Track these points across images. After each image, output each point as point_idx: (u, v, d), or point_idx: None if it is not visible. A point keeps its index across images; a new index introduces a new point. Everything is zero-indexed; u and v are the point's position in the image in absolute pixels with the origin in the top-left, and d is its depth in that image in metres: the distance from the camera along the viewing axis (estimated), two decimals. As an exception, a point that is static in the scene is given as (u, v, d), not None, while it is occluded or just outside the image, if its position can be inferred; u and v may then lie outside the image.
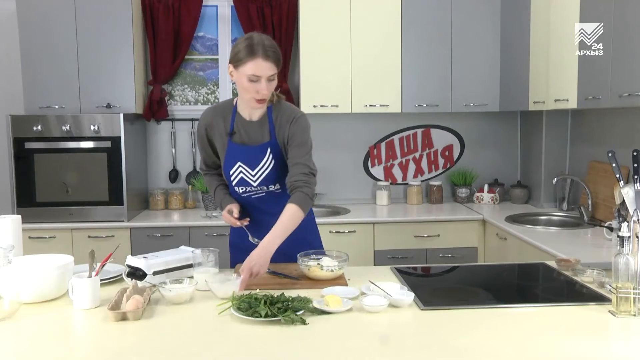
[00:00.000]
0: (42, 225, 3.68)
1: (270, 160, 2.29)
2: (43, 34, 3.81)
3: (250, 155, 2.29)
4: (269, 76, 2.14)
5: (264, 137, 2.30)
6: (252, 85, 2.15)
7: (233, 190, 2.37)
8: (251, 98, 2.19)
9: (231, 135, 2.31)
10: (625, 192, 2.53)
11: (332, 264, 2.14)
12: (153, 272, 2.08)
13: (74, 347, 1.66)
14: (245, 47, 2.13)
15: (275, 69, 2.15)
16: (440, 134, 4.48)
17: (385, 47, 4.02)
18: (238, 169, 2.30)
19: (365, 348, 1.58)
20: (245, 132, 2.31)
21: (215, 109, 2.39)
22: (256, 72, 2.12)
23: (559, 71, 3.37)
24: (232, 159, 2.31)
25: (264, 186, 2.32)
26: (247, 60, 2.12)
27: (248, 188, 2.33)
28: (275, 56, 2.14)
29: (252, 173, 2.30)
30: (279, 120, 2.29)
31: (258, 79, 2.13)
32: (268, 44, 2.14)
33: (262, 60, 2.11)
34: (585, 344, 1.59)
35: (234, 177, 2.32)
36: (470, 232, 3.85)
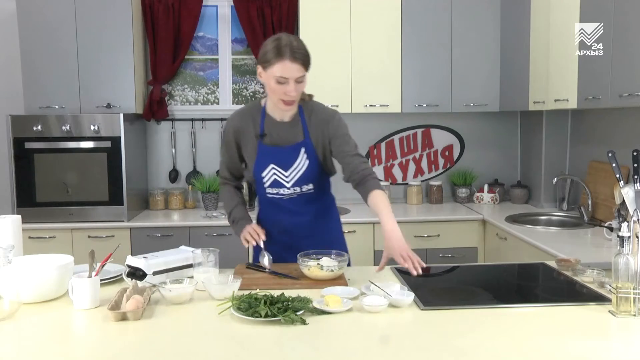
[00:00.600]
0: (42, 225, 3.68)
1: (304, 160, 2.27)
2: (43, 34, 3.81)
3: (283, 156, 2.27)
4: (297, 78, 2.12)
5: (297, 137, 2.28)
6: (280, 87, 2.12)
7: (264, 193, 2.34)
8: (279, 100, 2.17)
9: (262, 137, 2.28)
10: (625, 192, 2.53)
11: (332, 264, 2.14)
12: (153, 272, 2.08)
13: (74, 347, 1.66)
14: (273, 48, 2.11)
15: (303, 70, 2.13)
16: (440, 134, 4.48)
17: (385, 47, 4.02)
18: (271, 170, 2.28)
19: (365, 348, 1.58)
20: (277, 133, 2.28)
21: (242, 112, 2.35)
22: (284, 73, 2.10)
23: (559, 71, 3.37)
24: (264, 161, 2.28)
25: (298, 187, 2.30)
26: (275, 61, 2.10)
27: (281, 190, 2.30)
28: (303, 57, 2.12)
29: (286, 174, 2.28)
30: (313, 120, 2.28)
31: (286, 80, 2.11)
32: (296, 45, 2.11)
33: (289, 62, 2.09)
34: (585, 344, 1.59)
35: (266, 180, 2.30)
36: (470, 232, 3.85)
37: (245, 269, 2.29)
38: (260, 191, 2.36)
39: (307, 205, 2.34)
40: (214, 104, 4.41)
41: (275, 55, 2.09)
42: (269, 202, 2.36)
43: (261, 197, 2.39)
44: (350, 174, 2.24)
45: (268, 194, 2.33)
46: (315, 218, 2.39)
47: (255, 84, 4.42)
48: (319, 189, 2.35)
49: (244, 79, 4.42)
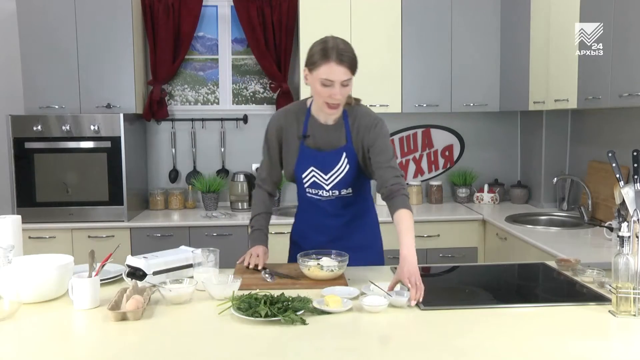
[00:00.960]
0: (42, 225, 3.68)
1: (345, 165, 2.26)
2: (43, 34, 3.81)
3: (324, 160, 2.27)
4: (342, 81, 2.09)
5: (339, 141, 2.27)
6: (325, 89, 2.10)
7: (304, 192, 2.35)
8: (324, 103, 2.15)
9: (304, 138, 2.27)
10: (625, 192, 2.53)
11: (332, 264, 2.14)
12: (153, 272, 2.08)
13: (74, 347, 1.66)
14: (319, 50, 2.09)
15: (349, 74, 2.10)
16: (440, 134, 4.48)
17: (385, 47, 4.02)
18: (311, 173, 2.29)
19: (365, 348, 1.58)
20: (320, 136, 2.27)
21: (287, 112, 2.33)
22: (329, 76, 2.07)
23: (559, 71, 3.37)
24: (305, 163, 2.28)
25: (337, 190, 2.30)
26: (321, 63, 2.08)
27: (320, 191, 2.31)
28: (350, 61, 2.08)
29: (326, 177, 2.28)
30: (357, 125, 2.25)
31: (331, 83, 2.09)
32: (343, 47, 2.08)
33: (335, 65, 2.06)
34: (585, 344, 1.59)
35: (306, 180, 2.30)
36: (470, 232, 3.85)
37: (245, 269, 2.29)
38: (300, 190, 2.37)
39: (344, 208, 2.34)
40: (214, 104, 4.41)
41: (321, 57, 2.07)
42: (308, 201, 2.36)
43: (301, 195, 2.40)
44: (380, 186, 2.19)
45: (307, 193, 2.34)
46: (352, 221, 2.38)
47: (255, 84, 4.42)
48: (358, 193, 2.35)
49: (244, 79, 4.42)
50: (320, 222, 2.37)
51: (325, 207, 2.34)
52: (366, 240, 2.44)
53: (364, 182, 2.37)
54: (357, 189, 2.33)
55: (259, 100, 4.43)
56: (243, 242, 3.74)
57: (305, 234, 2.41)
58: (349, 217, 2.37)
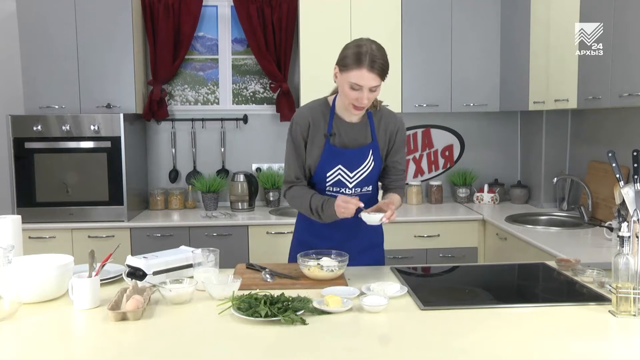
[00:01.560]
0: (42, 225, 3.68)
1: (370, 162, 2.30)
2: (43, 34, 3.81)
3: (351, 158, 2.28)
4: (371, 87, 2.12)
5: (366, 139, 2.30)
6: (353, 92, 2.13)
7: (323, 190, 2.32)
8: (350, 104, 2.18)
9: (330, 137, 2.27)
10: (625, 192, 2.53)
11: (332, 264, 2.14)
12: (153, 272, 2.08)
13: (74, 347, 1.66)
14: (353, 54, 2.11)
15: (379, 80, 2.12)
16: (440, 134, 4.48)
17: (386, 47, 3.99)
18: (337, 171, 2.28)
19: (365, 348, 1.58)
20: (345, 134, 2.28)
21: (312, 109, 2.31)
22: (359, 81, 2.10)
23: (559, 71, 3.37)
24: (331, 161, 2.28)
25: (359, 188, 2.32)
26: (353, 67, 2.09)
27: (342, 189, 2.31)
28: (381, 68, 2.11)
29: (351, 175, 2.29)
30: (382, 123, 2.32)
31: (360, 88, 2.11)
32: (377, 54, 2.11)
33: (367, 71, 2.09)
34: (585, 344, 1.59)
35: (330, 179, 2.30)
36: (470, 232, 3.85)
37: (245, 269, 2.29)
38: (319, 188, 2.34)
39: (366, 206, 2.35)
40: (214, 104, 4.41)
41: (354, 61, 2.09)
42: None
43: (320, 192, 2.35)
44: (390, 182, 2.41)
45: (328, 191, 2.33)
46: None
47: (255, 84, 4.42)
48: (373, 189, 2.39)
49: (244, 79, 4.42)
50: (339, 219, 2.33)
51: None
52: (377, 237, 2.48)
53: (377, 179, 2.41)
54: (374, 186, 2.38)
55: (259, 100, 4.43)
56: (243, 242, 3.75)
57: (321, 232, 2.37)
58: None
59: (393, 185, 2.41)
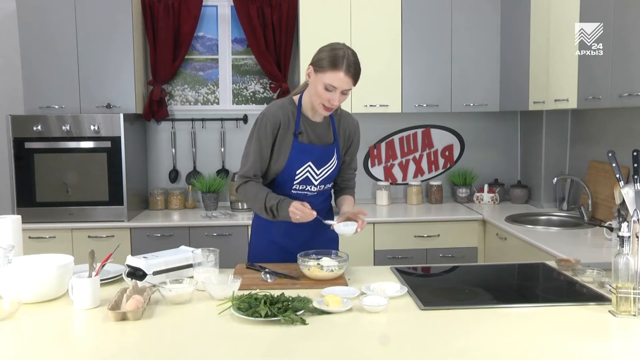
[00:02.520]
0: (42, 225, 3.68)
1: (334, 160, 2.40)
2: (43, 34, 3.81)
3: (320, 155, 2.35)
4: (344, 90, 2.21)
5: (329, 138, 2.40)
6: (326, 93, 2.20)
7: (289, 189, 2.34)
8: (320, 104, 2.25)
9: (298, 135, 2.31)
10: (625, 192, 2.53)
11: (332, 264, 2.14)
12: (153, 272, 2.08)
13: (74, 347, 1.66)
14: (330, 56, 2.18)
15: (352, 84, 2.21)
16: (440, 134, 4.48)
17: (386, 47, 4.02)
18: (306, 168, 2.33)
19: (365, 348, 1.58)
20: (313, 132, 2.35)
21: (282, 107, 2.33)
22: (334, 83, 2.18)
23: (559, 71, 3.37)
24: (301, 159, 2.31)
25: (323, 185, 2.40)
26: (329, 69, 2.17)
27: (308, 187, 2.37)
28: (356, 73, 2.21)
29: (317, 172, 2.36)
30: (343, 124, 2.44)
31: (334, 89, 2.19)
32: (352, 60, 2.19)
33: (343, 74, 2.17)
34: (585, 344, 1.59)
35: (298, 176, 2.33)
36: (470, 232, 3.85)
37: (245, 269, 2.29)
38: (286, 187, 2.35)
39: (324, 202, 2.47)
40: (214, 104, 4.41)
41: (331, 64, 2.17)
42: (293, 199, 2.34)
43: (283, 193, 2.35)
44: (341, 181, 2.54)
45: (294, 190, 2.36)
46: (327, 213, 2.49)
47: (255, 84, 4.42)
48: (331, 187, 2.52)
49: (244, 79, 4.42)
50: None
51: (312, 201, 2.34)
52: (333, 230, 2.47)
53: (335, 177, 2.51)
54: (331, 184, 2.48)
55: (259, 100, 4.43)
56: (243, 242, 3.74)
57: (289, 232, 2.38)
58: (326, 210, 2.50)
59: (346, 184, 2.54)
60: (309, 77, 2.26)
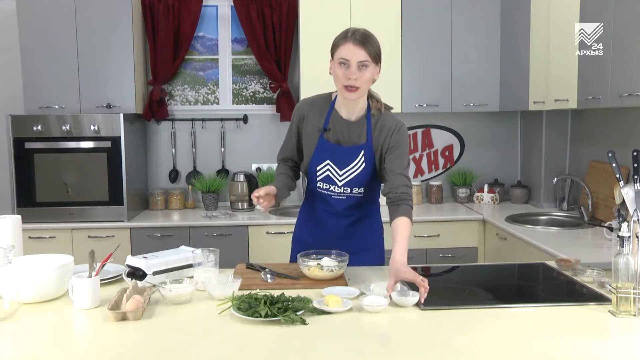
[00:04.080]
0: (42, 225, 3.68)
1: (361, 162, 2.26)
2: (43, 34, 3.81)
3: (342, 155, 2.27)
4: (359, 61, 2.11)
5: (360, 139, 2.27)
6: (342, 71, 2.12)
7: (315, 186, 2.34)
8: (342, 87, 2.14)
9: (324, 131, 2.28)
10: (625, 192, 2.53)
11: (332, 264, 2.14)
12: (153, 272, 2.08)
13: (74, 347, 1.66)
14: (340, 34, 2.17)
15: (366, 55, 2.11)
16: (440, 134, 4.48)
17: (385, 47, 3.97)
18: (326, 166, 2.29)
19: (365, 348, 1.58)
20: (341, 131, 2.28)
21: (312, 102, 2.33)
22: (345, 55, 2.10)
23: (559, 71, 3.37)
24: (321, 156, 2.28)
25: (348, 187, 2.30)
26: (339, 44, 2.14)
27: (332, 187, 2.31)
28: (367, 42, 2.12)
29: (340, 173, 2.28)
30: (380, 125, 2.26)
31: (347, 62, 2.11)
32: (361, 31, 2.15)
33: (352, 45, 2.11)
34: (585, 344, 1.59)
35: (319, 174, 2.30)
36: (470, 232, 3.85)
37: (245, 269, 2.29)
38: (312, 184, 2.35)
39: (353, 208, 2.35)
40: (214, 104, 4.41)
41: (341, 38, 2.14)
42: (319, 196, 2.35)
43: (311, 191, 2.38)
44: (388, 190, 2.22)
45: (319, 187, 2.33)
46: (358, 221, 2.39)
47: (255, 84, 4.42)
48: (369, 194, 2.35)
49: (244, 79, 4.42)
50: (327, 219, 2.36)
51: (334, 204, 2.33)
52: (369, 242, 2.44)
53: (376, 183, 2.36)
54: (368, 189, 2.33)
55: (259, 100, 4.43)
56: (243, 242, 3.75)
57: (311, 229, 2.41)
58: (356, 217, 2.38)
59: (396, 195, 2.18)
60: (331, 69, 2.20)
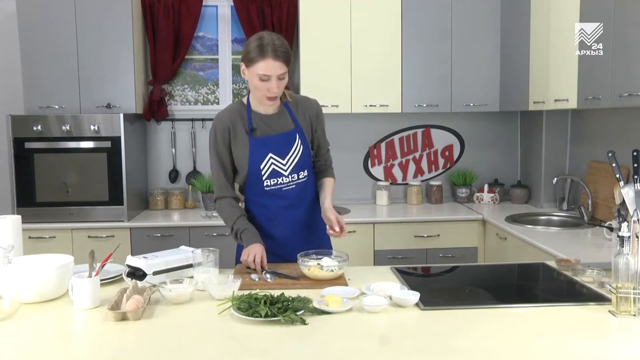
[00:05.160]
0: (42, 225, 3.68)
1: (299, 145, 2.35)
2: (43, 34, 3.81)
3: (280, 143, 2.32)
4: (279, 75, 2.19)
5: (288, 125, 2.36)
6: (263, 84, 2.20)
7: (262, 187, 2.33)
8: (263, 96, 2.24)
9: (252, 132, 2.31)
10: (625, 192, 2.53)
11: (332, 264, 2.14)
12: (153, 272, 2.08)
13: (74, 347, 1.67)
14: (255, 47, 2.18)
15: (285, 67, 2.20)
16: (440, 134, 4.48)
17: (386, 47, 4.02)
18: (269, 161, 2.31)
19: (365, 348, 1.58)
20: (267, 125, 2.33)
21: (229, 111, 2.36)
22: (266, 71, 2.17)
23: (559, 71, 3.37)
24: (260, 153, 2.30)
25: (295, 174, 2.35)
26: (258, 60, 2.17)
27: (280, 179, 2.33)
28: (285, 55, 2.19)
29: (284, 162, 2.33)
30: (300, 108, 2.39)
31: (268, 78, 2.18)
32: (278, 43, 2.18)
33: (272, 60, 2.16)
34: (585, 344, 1.59)
35: (265, 171, 2.32)
36: (470, 232, 3.85)
37: (245, 269, 2.29)
38: (257, 187, 2.34)
39: (303, 195, 2.40)
40: (214, 104, 4.41)
41: (258, 54, 2.16)
42: (269, 195, 2.35)
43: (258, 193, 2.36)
44: (320, 164, 2.50)
45: (266, 186, 2.34)
46: (312, 211, 2.43)
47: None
48: (310, 176, 2.42)
49: (244, 79, 4.41)
50: (285, 214, 2.36)
51: (287, 196, 2.35)
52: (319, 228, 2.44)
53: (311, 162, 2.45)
54: (309, 171, 2.42)
55: (259, 100, 4.43)
56: (243, 242, 3.74)
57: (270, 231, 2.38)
58: (308, 204, 2.42)
59: (322, 165, 2.50)
60: (244, 74, 2.25)
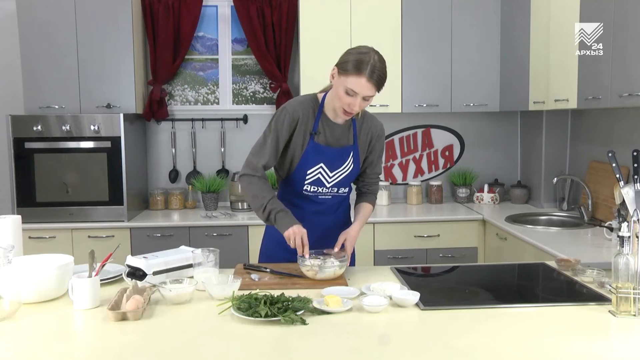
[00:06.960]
0: (42, 225, 3.68)
1: (350, 164, 2.33)
2: (43, 34, 3.81)
3: (334, 157, 2.29)
4: (365, 96, 2.13)
5: (348, 140, 2.32)
6: (347, 97, 2.14)
7: (300, 189, 2.31)
8: (341, 108, 2.18)
9: (315, 135, 2.27)
10: (625, 192, 2.52)
11: (332, 264, 2.14)
12: (153, 272, 2.08)
13: (74, 347, 1.66)
14: (355, 60, 2.10)
15: (374, 91, 2.14)
16: (440, 134, 4.48)
17: (385, 47, 3.98)
18: (318, 169, 2.29)
19: (365, 348, 1.58)
20: (330, 133, 2.29)
21: (303, 104, 2.29)
22: (356, 88, 2.11)
23: (559, 71, 3.37)
24: (314, 159, 2.27)
25: (335, 188, 2.34)
26: (352, 73, 2.10)
27: (320, 189, 2.32)
28: (379, 80, 2.12)
29: (330, 175, 2.30)
30: (366, 128, 2.35)
31: (355, 94, 2.12)
32: (378, 66, 2.11)
33: (366, 81, 2.09)
34: (585, 344, 1.59)
35: (309, 177, 2.29)
36: (470, 232, 3.85)
37: (245, 270, 2.29)
38: (296, 186, 2.32)
39: (335, 206, 2.40)
40: (214, 104, 4.41)
41: (355, 68, 2.09)
42: (303, 198, 2.33)
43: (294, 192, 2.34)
44: (365, 185, 2.45)
45: (305, 190, 2.32)
46: (339, 219, 2.43)
47: (255, 84, 4.42)
48: (348, 192, 2.42)
49: (244, 79, 4.42)
50: (313, 218, 2.35)
51: (321, 202, 2.35)
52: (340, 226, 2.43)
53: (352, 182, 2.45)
54: (349, 188, 2.42)
55: (259, 100, 4.43)
56: (243, 242, 3.75)
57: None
58: (338, 215, 2.43)
59: (367, 189, 2.45)
60: (332, 77, 2.19)
